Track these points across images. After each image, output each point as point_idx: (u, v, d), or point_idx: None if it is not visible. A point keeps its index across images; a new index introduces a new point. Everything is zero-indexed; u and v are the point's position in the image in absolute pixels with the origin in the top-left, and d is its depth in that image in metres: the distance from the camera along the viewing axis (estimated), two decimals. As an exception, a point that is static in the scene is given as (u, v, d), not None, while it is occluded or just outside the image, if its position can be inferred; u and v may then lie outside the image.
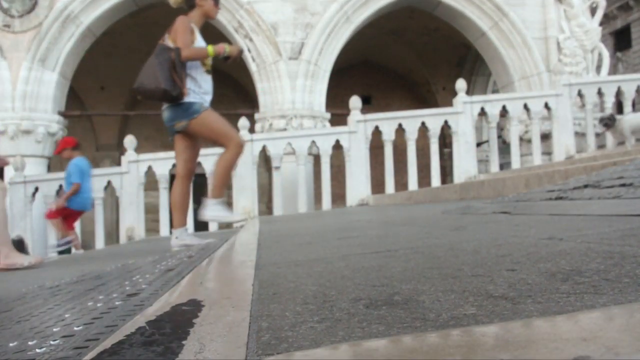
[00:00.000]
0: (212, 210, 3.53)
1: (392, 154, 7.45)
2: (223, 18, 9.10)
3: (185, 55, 3.38)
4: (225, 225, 8.95)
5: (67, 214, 6.32)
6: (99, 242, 7.35)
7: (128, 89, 13.78)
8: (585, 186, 2.31)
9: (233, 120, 8.24)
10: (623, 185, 2.04)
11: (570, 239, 1.18)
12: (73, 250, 6.47)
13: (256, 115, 9.21)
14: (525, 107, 7.69)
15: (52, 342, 0.81)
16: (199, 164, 7.35)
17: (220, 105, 14.42)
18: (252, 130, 8.05)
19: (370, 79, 15.01)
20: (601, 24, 9.47)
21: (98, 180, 7.38)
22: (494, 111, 7.62)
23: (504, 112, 7.75)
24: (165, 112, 3.56)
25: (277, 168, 7.33)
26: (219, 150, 3.89)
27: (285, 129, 8.61)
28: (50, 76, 8.82)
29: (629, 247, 0.99)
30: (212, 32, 10.45)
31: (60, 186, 7.06)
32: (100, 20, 9.15)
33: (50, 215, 6.35)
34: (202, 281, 1.23)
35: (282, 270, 1.18)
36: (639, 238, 1.09)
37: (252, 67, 9.09)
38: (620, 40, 19.83)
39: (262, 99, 9.08)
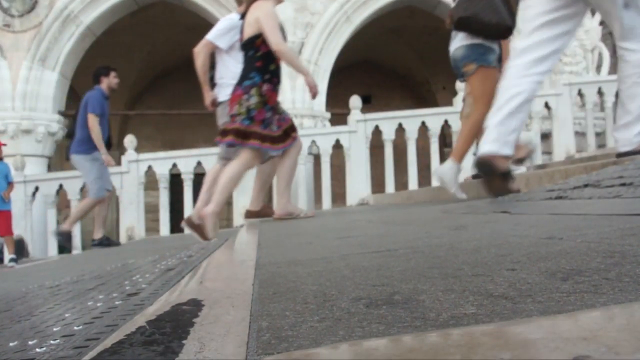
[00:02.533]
0: (444, 171, 3.51)
1: (392, 153, 7.45)
2: (223, 17, 9.09)
3: None
4: (226, 224, 8.95)
5: None
6: (99, 242, 7.34)
7: (127, 88, 13.80)
8: (586, 185, 2.31)
9: (233, 119, 8.24)
10: (623, 184, 2.04)
11: (570, 238, 1.18)
12: None
13: (256, 115, 9.20)
14: (526, 106, 7.68)
15: (52, 342, 0.81)
16: (199, 163, 7.36)
17: (221, 104, 14.31)
18: (252, 129, 8.04)
19: (370, 78, 14.99)
20: (601, 23, 9.45)
21: (98, 179, 7.37)
22: (494, 111, 7.60)
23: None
24: (461, 49, 3.52)
25: (277, 167, 7.32)
26: (218, 150, 3.88)
27: (285, 129, 8.60)
28: (50, 76, 8.82)
29: (629, 247, 0.99)
30: (212, 32, 10.46)
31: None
32: (101, 19, 9.14)
33: None
34: (202, 280, 1.23)
35: (282, 270, 1.18)
36: (639, 237, 1.09)
37: (252, 66, 9.09)
38: (620, 39, 19.83)
39: (262, 98, 9.08)
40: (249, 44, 3.55)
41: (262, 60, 3.52)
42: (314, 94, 3.60)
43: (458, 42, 3.54)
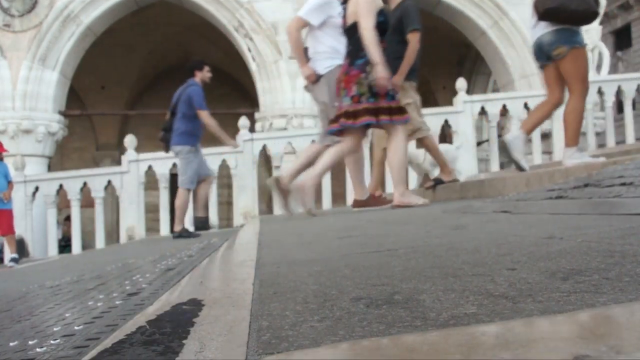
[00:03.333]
0: (573, 158, 3.57)
1: (392, 153, 7.44)
2: (223, 17, 9.09)
3: None
4: (226, 224, 8.95)
5: None
6: (99, 242, 7.35)
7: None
8: (586, 185, 2.31)
9: (233, 119, 8.26)
10: (623, 184, 2.04)
11: (570, 238, 1.18)
12: None
13: (256, 115, 9.21)
14: (526, 106, 7.68)
15: (52, 342, 0.81)
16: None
17: (221, 104, 14.47)
18: (252, 129, 8.04)
19: (371, 78, 14.96)
20: (601, 23, 9.45)
21: (98, 179, 7.37)
22: (494, 110, 7.60)
23: (504, 111, 7.73)
24: (548, 35, 3.61)
25: (278, 167, 7.33)
26: (219, 149, 3.89)
27: (285, 129, 8.60)
28: (50, 75, 8.82)
29: (629, 246, 0.99)
30: (213, 32, 10.45)
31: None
32: (101, 19, 9.14)
33: None
34: (203, 280, 1.23)
35: (283, 270, 1.18)
36: (639, 237, 1.09)
37: (253, 66, 9.09)
38: (620, 39, 19.82)
39: (263, 98, 9.08)
40: (351, 29, 3.69)
41: None
42: (380, 85, 3.51)
43: (543, 28, 3.63)
